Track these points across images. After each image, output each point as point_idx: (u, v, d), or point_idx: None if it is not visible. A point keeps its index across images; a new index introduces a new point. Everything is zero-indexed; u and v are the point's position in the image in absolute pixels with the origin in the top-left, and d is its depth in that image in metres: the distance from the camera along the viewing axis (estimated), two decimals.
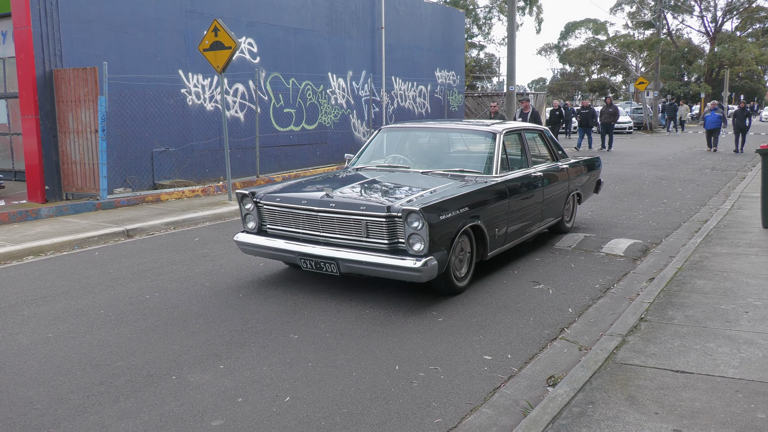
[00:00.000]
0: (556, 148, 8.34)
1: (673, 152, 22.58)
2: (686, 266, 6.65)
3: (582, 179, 8.78)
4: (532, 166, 7.43)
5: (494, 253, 6.40)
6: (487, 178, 6.47)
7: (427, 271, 5.25)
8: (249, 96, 14.69)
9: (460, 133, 7.69)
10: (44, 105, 10.98)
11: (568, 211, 8.60)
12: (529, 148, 7.56)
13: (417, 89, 21.03)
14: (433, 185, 6.08)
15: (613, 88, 62.80)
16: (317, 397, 3.93)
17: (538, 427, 3.40)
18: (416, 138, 7.71)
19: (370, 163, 7.27)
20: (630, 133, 35.80)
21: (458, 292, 5.93)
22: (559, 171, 8.02)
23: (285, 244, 5.87)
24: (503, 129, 7.14)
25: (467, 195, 5.88)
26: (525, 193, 6.93)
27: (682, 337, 4.66)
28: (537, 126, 8.45)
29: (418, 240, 5.29)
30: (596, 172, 9.38)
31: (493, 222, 6.22)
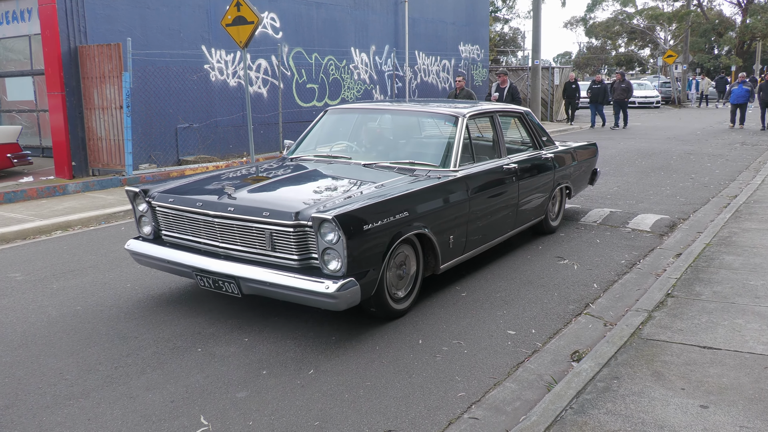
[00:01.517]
0: (539, 133, 7.03)
1: (701, 127, 22.15)
2: (715, 242, 6.54)
3: (572, 170, 7.47)
4: (506, 156, 6.18)
5: (450, 265, 5.25)
6: (443, 172, 5.24)
7: (344, 297, 4.07)
8: (272, 71, 14.66)
9: (418, 117, 6.25)
10: (70, 81, 11.06)
11: (553, 208, 7.35)
12: (502, 134, 6.30)
13: (440, 64, 20.82)
14: (370, 183, 4.89)
15: (640, 61, 61.62)
16: (340, 370, 3.95)
17: (562, 401, 3.39)
18: (367, 122, 6.45)
19: (309, 152, 6.04)
20: (658, 107, 35.17)
21: (397, 316, 4.74)
22: (542, 161, 6.75)
23: (180, 255, 4.71)
24: (469, 112, 5.85)
25: (408, 196, 4.65)
26: (493, 190, 5.72)
27: (710, 313, 4.60)
28: (516, 107, 7.13)
29: (334, 257, 4.11)
30: (591, 161, 8.12)
31: (447, 228, 5.04)
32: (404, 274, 4.79)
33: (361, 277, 4.19)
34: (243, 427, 3.31)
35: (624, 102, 21.90)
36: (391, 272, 4.62)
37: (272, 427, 3.30)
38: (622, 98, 21.78)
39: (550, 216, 7.25)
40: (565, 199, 7.58)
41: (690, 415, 3.23)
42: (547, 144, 7.11)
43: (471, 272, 5.88)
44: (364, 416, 3.42)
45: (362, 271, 4.22)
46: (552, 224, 7.33)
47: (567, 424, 3.16)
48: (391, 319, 4.71)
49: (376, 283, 4.37)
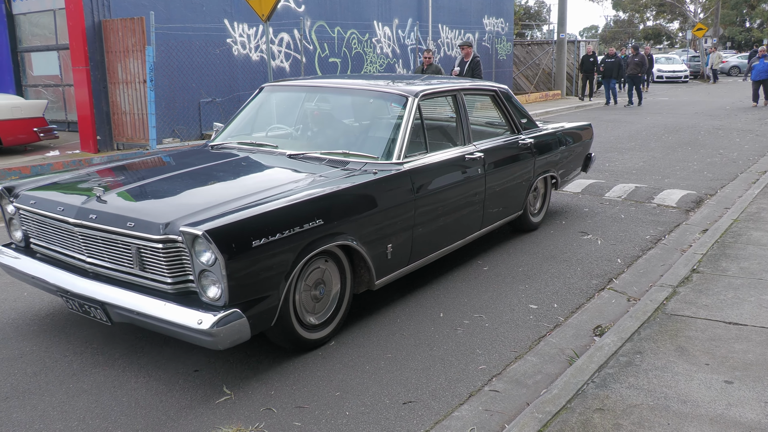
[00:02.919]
0: (517, 114, 5.98)
1: (731, 101, 21.68)
2: (742, 217, 6.43)
3: (559, 156, 6.43)
4: (471, 143, 5.18)
5: (391, 278, 4.33)
6: (383, 166, 4.27)
7: (225, 335, 3.15)
8: (294, 45, 14.60)
9: (361, 96, 5.18)
10: (94, 56, 11.12)
11: (535, 202, 6.39)
12: (467, 117, 5.26)
13: (464, 37, 20.56)
14: (283, 181, 3.96)
15: (669, 35, 60.36)
16: (361, 341, 3.96)
17: (584, 375, 3.37)
18: (304, 102, 5.41)
19: (234, 138, 5.10)
20: (686, 82, 34.51)
21: (312, 347, 3.84)
22: (518, 148, 5.72)
23: (46, 270, 3.84)
24: (423, 90, 4.84)
25: (324, 200, 3.73)
26: (450, 186, 4.79)
27: (736, 289, 4.53)
28: (489, 84, 6.04)
29: (213, 281, 3.23)
30: (584, 145, 7.04)
31: (384, 235, 4.13)
32: (321, 295, 3.87)
33: (251, 307, 3.30)
34: (265, 396, 3.34)
35: (637, 77, 20.57)
36: (302, 294, 3.72)
37: (293, 396, 3.34)
38: (635, 73, 20.42)
39: (531, 211, 6.27)
40: (550, 190, 6.60)
41: (714, 390, 3.20)
42: (528, 127, 6.07)
43: (493, 247, 5.85)
44: (384, 387, 3.43)
45: (254, 298, 3.32)
46: (533, 220, 6.34)
47: (588, 397, 3.15)
48: (306, 350, 3.81)
49: (277, 311, 3.47)
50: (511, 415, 3.16)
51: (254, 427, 3.06)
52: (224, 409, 3.22)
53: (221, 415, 3.18)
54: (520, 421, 2.98)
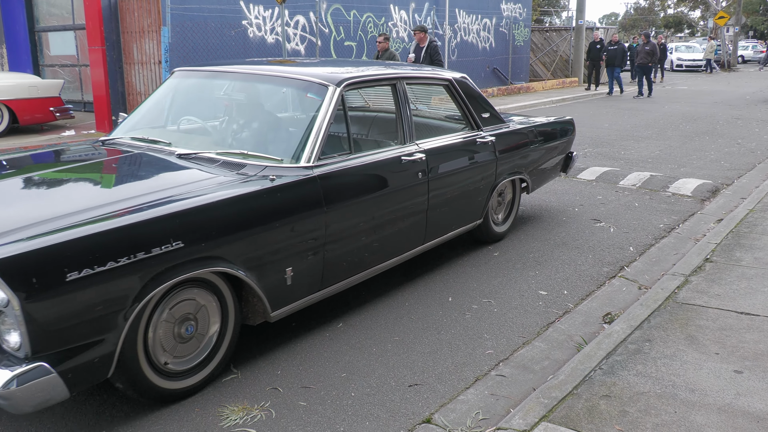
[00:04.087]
0: (476, 108, 5.12)
1: (752, 91, 21.37)
2: (758, 208, 6.34)
3: (530, 156, 5.63)
4: (412, 142, 4.38)
5: (295, 307, 3.58)
6: (285, 171, 3.51)
7: (24, 395, 2.44)
8: (309, 28, 14.54)
9: (274, 84, 4.34)
10: (110, 36, 11.15)
11: (499, 209, 5.58)
12: (407, 111, 4.44)
13: (481, 22, 20.38)
14: (147, 190, 3.21)
15: (690, 23, 59.53)
16: (369, 324, 3.97)
17: (592, 362, 3.35)
18: (214, 90, 4.68)
19: (131, 131, 4.31)
20: (705, 70, 34.04)
21: (179, 398, 3.13)
22: (475, 147, 4.94)
23: None
24: (349, 78, 4.04)
25: (180, 215, 2.94)
26: (376, 195, 4.01)
27: (750, 279, 4.48)
28: (441, 72, 5.17)
29: (12, 326, 2.50)
30: (561, 144, 6.16)
31: (280, 258, 3.36)
32: (190, 333, 3.13)
33: (69, 358, 2.57)
34: (271, 375, 3.36)
35: (647, 67, 19.18)
36: (158, 334, 2.99)
37: (299, 376, 3.35)
38: (645, 62, 19.05)
39: (493, 219, 5.46)
40: (519, 195, 5.76)
41: (723, 379, 3.17)
42: (490, 122, 5.22)
43: (504, 232, 5.81)
44: (390, 370, 3.43)
45: (72, 346, 2.59)
46: (496, 230, 5.50)
47: (595, 384, 3.13)
48: (168, 402, 3.09)
49: (114, 359, 2.74)
50: (517, 399, 3.15)
51: (260, 406, 3.08)
52: (230, 388, 3.24)
53: (227, 393, 3.20)
54: (525, 405, 2.97)
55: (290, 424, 2.95)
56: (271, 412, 3.04)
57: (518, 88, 20.81)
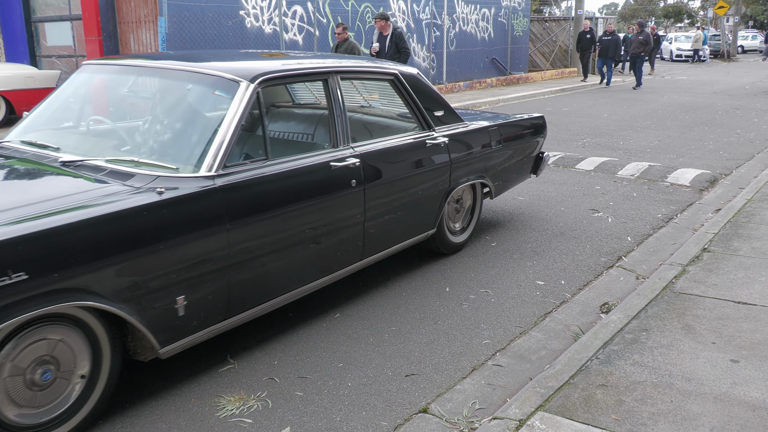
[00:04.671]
0: (428, 105, 4.59)
1: (751, 81, 21.32)
2: (757, 198, 6.33)
3: (493, 158, 5.14)
4: (347, 146, 3.87)
5: (192, 341, 3.10)
6: (180, 182, 3.00)
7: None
8: (308, 18, 14.47)
9: (180, 80, 3.70)
10: (107, 26, 11.11)
11: (456, 217, 5.06)
12: (342, 109, 3.92)
13: (480, 12, 20.29)
14: (18, 203, 2.69)
15: (689, 13, 59.36)
16: (366, 314, 3.96)
17: (589, 351, 3.35)
18: (118, 86, 4.12)
19: (26, 133, 3.75)
20: (705, 60, 33.96)
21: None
22: (425, 150, 4.44)
23: None
24: (263, 73, 3.50)
25: (22, 241, 2.43)
26: (296, 208, 3.46)
27: (747, 269, 4.47)
28: (384, 66, 4.59)
29: None
30: (531, 143, 5.65)
31: (166, 285, 2.87)
32: (48, 380, 2.64)
33: None
34: (268, 366, 3.36)
35: (640, 57, 18.82)
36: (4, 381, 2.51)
37: (296, 366, 3.35)
38: (638, 52, 18.73)
39: (450, 228, 4.96)
40: (480, 201, 5.25)
41: (719, 368, 3.17)
42: (444, 121, 4.71)
43: (501, 222, 5.81)
44: (387, 360, 3.43)
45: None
46: (453, 240, 4.99)
47: (592, 373, 3.13)
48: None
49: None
50: (514, 389, 3.15)
51: (256, 396, 3.08)
52: (227, 378, 3.24)
53: (224, 383, 3.19)
54: (521, 395, 2.97)
55: (287, 414, 2.95)
56: (267, 402, 3.04)
57: (517, 79, 20.75)
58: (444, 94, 17.27)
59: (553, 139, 10.19)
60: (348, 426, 2.87)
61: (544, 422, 2.73)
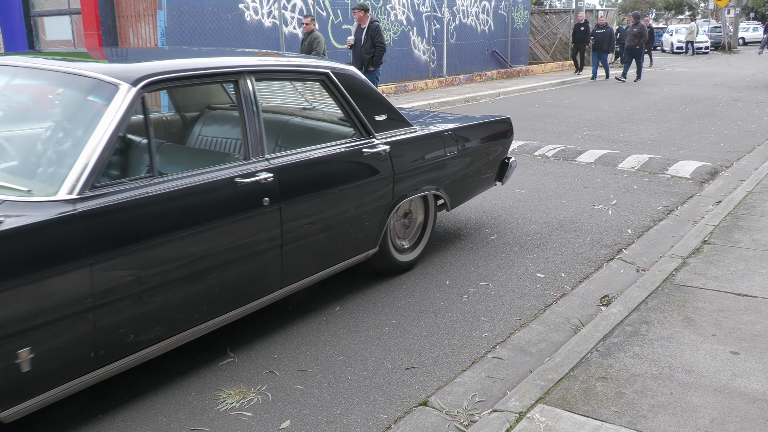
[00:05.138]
0: (367, 108, 4.03)
1: (752, 73, 21.26)
2: (757, 190, 6.32)
3: (448, 167, 4.62)
4: (260, 158, 3.32)
5: (43, 400, 2.56)
6: (31, 208, 2.48)
7: None
8: (307, 11, 14.40)
9: (51, 83, 3.20)
10: (106, 20, 11.07)
11: (408, 232, 4.58)
12: (255, 116, 3.35)
13: (480, 5, 20.23)
14: None
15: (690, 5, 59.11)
16: (366, 307, 3.96)
17: (589, 344, 3.35)
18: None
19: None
20: (706, 53, 33.87)
21: None
22: (360, 160, 3.90)
23: None
24: (149, 75, 2.93)
25: None
26: (180, 236, 2.90)
27: (748, 261, 4.47)
28: (311, 63, 3.93)
29: None
30: (494, 148, 5.11)
31: (4, 336, 2.35)
32: None
33: None
34: (268, 359, 3.36)
35: (635, 50, 18.42)
36: None
37: (296, 360, 3.35)
38: (633, 45, 18.30)
39: (396, 246, 4.43)
40: (433, 215, 4.72)
41: (719, 360, 3.17)
42: (387, 126, 4.16)
43: (501, 215, 5.81)
44: (387, 353, 3.43)
45: None
46: (400, 259, 4.45)
47: (592, 366, 3.13)
48: None
49: None
50: (514, 382, 3.15)
51: (256, 390, 3.08)
52: (227, 372, 3.24)
53: (224, 377, 3.20)
54: (521, 387, 2.97)
55: (287, 407, 2.95)
56: (267, 396, 3.04)
57: (517, 71, 20.70)
58: (444, 87, 17.29)
59: (553, 132, 10.17)
60: (348, 419, 2.88)
61: (544, 415, 2.74)
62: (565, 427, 2.65)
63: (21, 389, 2.45)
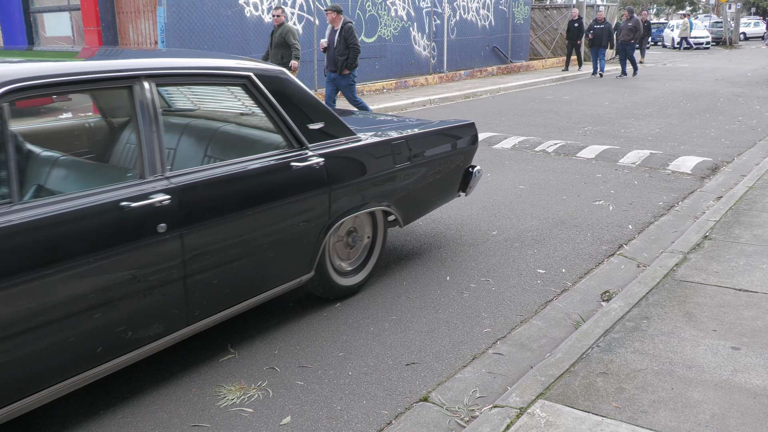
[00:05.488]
0: (299, 115, 3.57)
1: (753, 68, 21.22)
2: (758, 185, 6.31)
3: (403, 179, 4.16)
4: (158, 176, 2.88)
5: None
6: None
7: None
8: (307, 7, 14.40)
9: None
10: (105, 16, 11.06)
11: (353, 253, 4.11)
12: (154, 127, 2.90)
13: (480, 0, 20.20)
14: None
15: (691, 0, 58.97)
16: (367, 304, 3.96)
17: (589, 339, 3.35)
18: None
19: None
20: (707, 48, 33.82)
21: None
22: (287, 175, 3.43)
23: None
24: (17, 80, 2.47)
25: None
26: (47, 272, 2.43)
27: (749, 256, 4.46)
28: (230, 65, 3.35)
29: None
30: (454, 156, 4.66)
31: None
32: None
33: None
34: (268, 355, 3.36)
35: (630, 45, 18.16)
36: None
37: (297, 356, 3.35)
38: (627, 39, 18.07)
39: (338, 269, 3.96)
40: (383, 233, 4.24)
41: (720, 356, 3.16)
42: (324, 135, 3.68)
43: (502, 211, 5.80)
44: (388, 349, 3.43)
45: None
46: (342, 283, 3.98)
47: (593, 361, 3.13)
48: None
49: None
50: (515, 377, 3.15)
51: (257, 386, 3.08)
52: (228, 368, 3.24)
53: (224, 373, 3.20)
54: (522, 383, 2.97)
55: (287, 403, 2.96)
56: (268, 392, 3.04)
57: (518, 67, 20.67)
58: (445, 83, 17.26)
59: (554, 128, 10.16)
60: (348, 415, 2.88)
61: (544, 410, 2.73)
62: (566, 422, 2.65)
63: None
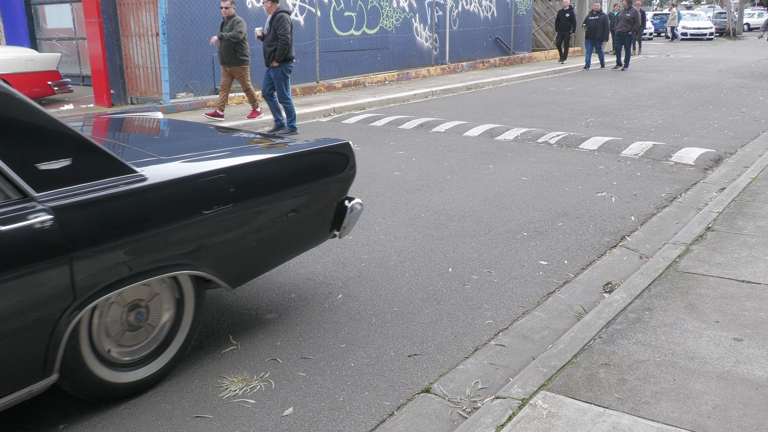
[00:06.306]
0: (36, 147, 2.47)
1: (757, 59, 21.12)
2: (761, 176, 6.29)
3: (223, 229, 3.02)
4: None
5: None
6: None
7: None
8: None
9: None
10: (106, 8, 11.02)
11: (139, 337, 2.92)
12: None
13: None
14: None
15: None
16: (369, 295, 3.96)
17: (591, 331, 3.34)
18: None
19: None
20: (711, 39, 33.67)
21: None
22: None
23: None
24: None
25: None
26: None
27: (751, 248, 4.45)
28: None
29: None
30: (319, 191, 3.57)
31: None
32: None
33: None
34: (271, 346, 3.36)
35: (627, 36, 17.84)
36: None
37: (299, 347, 3.35)
38: (625, 31, 17.73)
39: (112, 359, 2.82)
40: (192, 303, 3.08)
41: (722, 347, 3.16)
42: (69, 178, 2.54)
43: (505, 203, 5.79)
44: (390, 340, 3.43)
45: None
46: (121, 380, 2.85)
47: (595, 353, 3.12)
48: None
49: None
50: (516, 369, 3.15)
51: (259, 377, 3.08)
52: (230, 359, 3.25)
53: (227, 364, 3.20)
54: (524, 374, 2.97)
55: (289, 394, 2.96)
56: (270, 383, 3.04)
57: (520, 59, 20.60)
58: (447, 75, 17.21)
59: (556, 119, 10.13)
60: (351, 406, 2.88)
61: (546, 401, 2.73)
62: (568, 413, 2.65)
63: None
